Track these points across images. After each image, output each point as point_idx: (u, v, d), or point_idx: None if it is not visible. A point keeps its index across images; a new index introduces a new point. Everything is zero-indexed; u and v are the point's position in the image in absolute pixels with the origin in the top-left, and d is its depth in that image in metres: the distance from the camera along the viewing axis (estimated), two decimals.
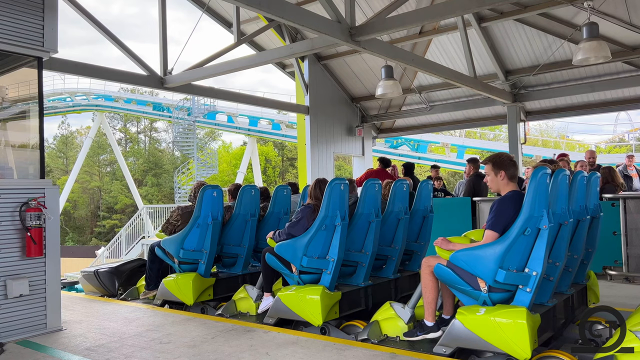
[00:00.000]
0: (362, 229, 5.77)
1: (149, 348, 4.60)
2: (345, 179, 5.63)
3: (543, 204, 4.07)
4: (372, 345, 4.46)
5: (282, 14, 7.48)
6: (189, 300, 6.31)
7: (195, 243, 6.52)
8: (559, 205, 4.45)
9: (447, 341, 4.18)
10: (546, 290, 4.46)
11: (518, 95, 13.95)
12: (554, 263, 4.43)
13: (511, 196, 4.22)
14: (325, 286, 5.26)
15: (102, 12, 62.85)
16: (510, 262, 4.05)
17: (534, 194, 4.06)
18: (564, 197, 4.56)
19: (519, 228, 4.02)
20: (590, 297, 5.58)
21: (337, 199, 5.38)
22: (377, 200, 5.89)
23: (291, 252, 5.42)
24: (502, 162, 4.34)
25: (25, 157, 5.99)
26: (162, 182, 51.23)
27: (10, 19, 5.25)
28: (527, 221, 4.03)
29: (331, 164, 15.66)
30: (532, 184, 4.08)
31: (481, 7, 8.76)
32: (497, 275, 4.02)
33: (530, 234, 4.06)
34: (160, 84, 11.41)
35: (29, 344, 4.92)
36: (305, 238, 5.36)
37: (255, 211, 7.01)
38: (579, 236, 4.98)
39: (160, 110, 37.90)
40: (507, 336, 3.88)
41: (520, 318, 3.85)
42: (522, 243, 4.07)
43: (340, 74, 15.87)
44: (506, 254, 4.02)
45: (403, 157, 27.64)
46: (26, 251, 5.16)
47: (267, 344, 4.57)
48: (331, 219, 5.35)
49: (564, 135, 39.41)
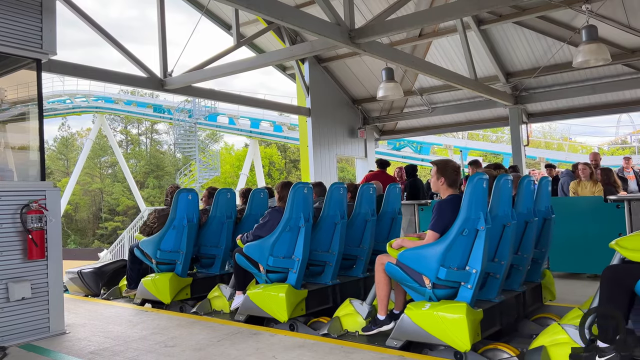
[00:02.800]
0: (329, 230, 6.05)
1: (154, 351, 4.59)
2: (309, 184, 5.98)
3: (480, 207, 4.39)
4: (379, 348, 4.46)
5: (281, 17, 7.50)
6: (166, 299, 6.62)
7: (171, 244, 6.80)
8: (501, 208, 4.77)
9: (397, 335, 4.51)
10: (493, 287, 4.76)
11: (519, 98, 13.95)
12: (499, 262, 4.77)
13: (450, 200, 4.58)
14: (291, 284, 5.56)
15: (101, 15, 62.96)
16: (451, 261, 4.36)
17: (470, 197, 4.38)
18: (507, 200, 4.85)
19: (457, 229, 4.35)
20: (546, 295, 5.81)
21: (301, 202, 5.66)
22: (342, 203, 6.15)
23: (258, 252, 5.71)
24: (446, 169, 4.70)
25: (25, 159, 6.00)
26: (163, 184, 51.20)
27: (8, 21, 5.26)
28: (465, 222, 4.34)
29: (334, 165, 15.66)
30: (469, 188, 4.40)
31: (480, 10, 8.77)
32: (439, 273, 4.34)
33: (468, 235, 4.36)
34: (160, 86, 11.42)
35: (32, 347, 4.91)
36: (271, 239, 5.64)
37: (231, 213, 7.26)
38: (527, 237, 5.28)
39: (161, 112, 37.93)
40: (448, 329, 4.21)
41: (460, 312, 4.18)
42: (461, 243, 4.38)
43: (341, 76, 15.87)
44: (446, 253, 4.34)
45: (406, 159, 27.64)
46: (28, 254, 5.16)
47: (274, 347, 4.56)
48: (295, 221, 5.64)
49: (566, 137, 39.40)
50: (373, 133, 17.25)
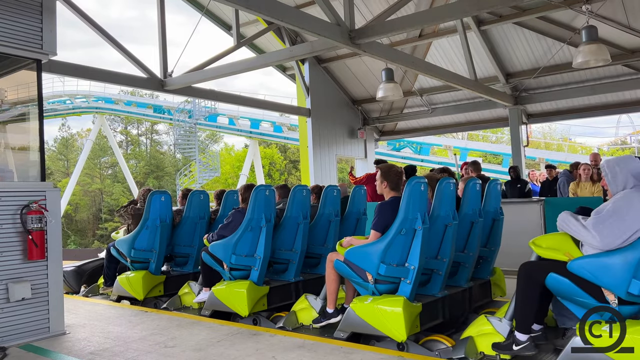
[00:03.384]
0: (292, 230, 6.34)
1: (153, 352, 4.59)
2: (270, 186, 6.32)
3: (417, 208, 4.73)
4: (378, 349, 4.46)
5: (282, 17, 7.51)
6: (139, 295, 6.96)
7: (145, 243, 7.14)
8: (442, 209, 5.12)
9: (344, 327, 4.87)
10: (436, 283, 5.14)
11: (519, 98, 13.96)
12: (441, 259, 5.12)
13: (391, 201, 4.91)
14: (253, 281, 5.87)
15: (101, 15, 62.92)
16: (391, 258, 4.71)
17: (407, 199, 4.72)
18: (448, 202, 5.21)
19: (396, 228, 4.69)
20: (495, 291, 6.11)
21: (262, 203, 5.97)
22: (305, 204, 6.46)
23: (222, 251, 6.01)
24: (388, 174, 5.07)
25: (25, 160, 6.00)
26: (163, 184, 51.17)
27: (9, 21, 5.25)
28: (403, 222, 4.69)
29: (334, 166, 15.67)
30: (407, 191, 4.74)
31: (480, 11, 8.79)
32: (379, 269, 4.67)
33: (406, 234, 4.72)
34: (161, 86, 11.44)
35: (32, 348, 4.91)
36: (234, 238, 5.93)
37: (204, 214, 7.56)
38: (473, 236, 5.58)
39: (161, 112, 37.93)
40: (387, 321, 4.53)
41: (398, 306, 4.51)
42: (400, 241, 4.72)
43: (341, 76, 15.88)
44: (386, 251, 4.67)
45: (406, 159, 27.63)
46: (28, 254, 5.15)
47: (274, 348, 4.56)
48: (257, 221, 5.94)
49: (566, 138, 39.41)
50: (373, 133, 17.26)
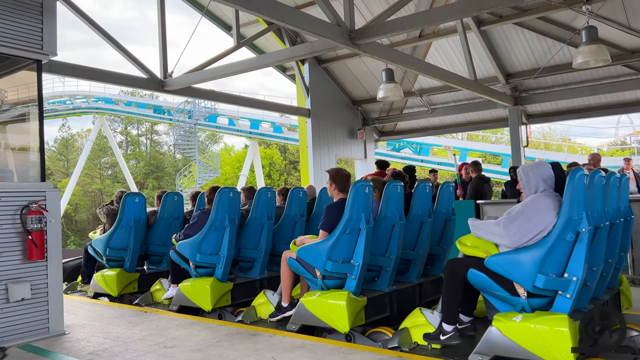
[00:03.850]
0: (257, 230, 6.69)
1: (153, 352, 4.59)
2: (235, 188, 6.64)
3: (362, 209, 5.06)
4: (378, 349, 4.46)
5: (282, 18, 7.51)
6: (114, 292, 7.36)
7: (119, 242, 7.53)
8: (389, 210, 5.43)
9: (295, 319, 5.22)
10: (384, 279, 5.49)
11: (519, 98, 13.96)
12: (389, 257, 5.46)
13: (338, 203, 5.26)
14: (217, 278, 6.23)
15: (101, 16, 62.89)
16: (337, 255, 5.05)
17: (352, 201, 5.04)
18: (395, 203, 5.46)
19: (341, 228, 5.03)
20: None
21: (226, 204, 6.31)
22: (270, 205, 6.83)
23: (188, 249, 6.36)
24: (336, 177, 5.45)
25: (25, 160, 6.00)
26: (163, 184, 51.15)
27: (9, 21, 5.25)
28: (347, 222, 5.02)
29: (333, 166, 15.64)
30: (351, 193, 5.04)
31: (480, 11, 8.79)
32: (326, 266, 5.03)
33: (351, 233, 5.05)
34: (161, 86, 11.44)
35: (32, 348, 4.91)
36: (199, 238, 6.30)
37: (178, 215, 7.90)
38: (423, 235, 5.79)
39: (161, 113, 37.93)
40: (332, 314, 4.89)
41: (341, 300, 4.86)
42: (345, 240, 5.06)
43: (341, 77, 15.88)
44: (332, 249, 5.04)
45: (405, 160, 27.63)
46: (27, 254, 5.15)
47: (273, 348, 4.56)
48: (220, 222, 6.27)
49: (566, 138, 39.39)
50: (373, 134, 17.26)
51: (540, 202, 3.95)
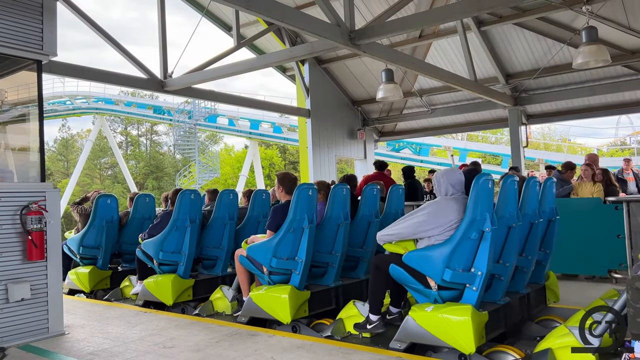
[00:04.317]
0: (219, 230, 7.11)
1: (152, 352, 4.59)
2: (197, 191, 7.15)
3: (305, 210, 5.44)
4: (378, 350, 4.46)
5: (282, 18, 7.51)
6: (87, 289, 7.80)
7: (92, 241, 7.96)
8: (335, 211, 5.87)
9: (245, 312, 5.65)
10: (330, 275, 5.90)
11: (519, 99, 13.96)
12: (335, 254, 5.86)
13: (283, 205, 5.64)
14: (179, 275, 6.68)
15: (102, 17, 62.91)
16: (281, 253, 5.46)
17: (296, 203, 5.42)
18: (340, 205, 5.92)
19: (286, 227, 5.43)
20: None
21: (187, 206, 6.75)
22: (232, 206, 7.25)
23: (152, 248, 6.80)
24: (284, 180, 5.81)
25: (25, 160, 6.00)
26: (163, 185, 51.19)
27: (9, 22, 5.25)
28: (291, 222, 5.41)
29: (333, 167, 15.66)
30: (295, 195, 5.43)
31: (480, 11, 8.79)
32: (272, 262, 5.44)
33: (294, 232, 5.44)
34: (161, 87, 11.44)
35: (31, 348, 4.91)
36: (162, 237, 6.72)
37: (150, 215, 8.17)
38: (370, 235, 5.99)
39: (161, 113, 37.93)
40: (276, 306, 5.32)
41: (284, 293, 5.28)
42: (289, 239, 5.46)
43: (341, 77, 15.88)
44: (277, 247, 5.43)
45: (405, 160, 27.62)
46: (27, 255, 5.15)
47: (272, 348, 4.56)
48: (182, 222, 6.70)
49: (565, 139, 39.40)
50: (372, 134, 17.26)
51: (443, 204, 4.51)
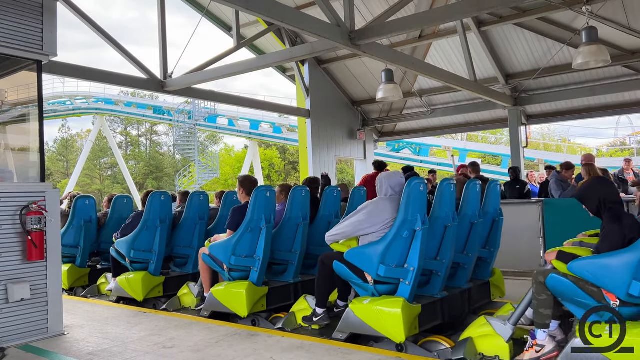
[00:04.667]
0: (190, 229, 7.51)
1: (152, 352, 4.59)
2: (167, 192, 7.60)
3: (262, 211, 5.86)
4: (377, 350, 4.48)
5: (282, 18, 7.50)
6: (65, 285, 8.09)
7: (71, 240, 8.29)
8: (294, 212, 6.35)
9: (206, 307, 6.09)
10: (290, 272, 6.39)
11: (519, 99, 13.95)
12: (294, 252, 6.33)
13: (242, 206, 6.04)
14: (150, 272, 7.10)
15: (102, 17, 62.89)
16: (240, 251, 5.86)
17: (254, 204, 5.84)
18: (299, 206, 6.40)
19: (244, 227, 5.85)
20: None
21: (158, 207, 7.17)
22: (202, 207, 7.70)
23: (125, 247, 7.18)
24: (244, 183, 6.26)
25: (25, 161, 6.01)
26: (163, 185, 51.18)
27: (9, 22, 5.25)
28: (249, 222, 5.84)
29: (333, 167, 15.66)
30: (253, 197, 5.85)
31: (480, 12, 8.79)
32: (231, 260, 5.88)
33: (252, 231, 5.86)
34: (161, 87, 11.43)
35: (31, 348, 4.91)
36: (133, 236, 7.13)
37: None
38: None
39: (161, 113, 37.93)
40: (232, 300, 5.75)
41: (241, 288, 5.74)
42: (247, 238, 5.88)
43: (341, 77, 15.88)
44: (236, 245, 5.83)
45: (405, 160, 27.62)
46: (27, 255, 5.15)
47: (272, 348, 4.57)
48: (152, 222, 7.09)
49: (565, 139, 39.40)
50: (372, 135, 17.26)
51: (380, 204, 4.98)
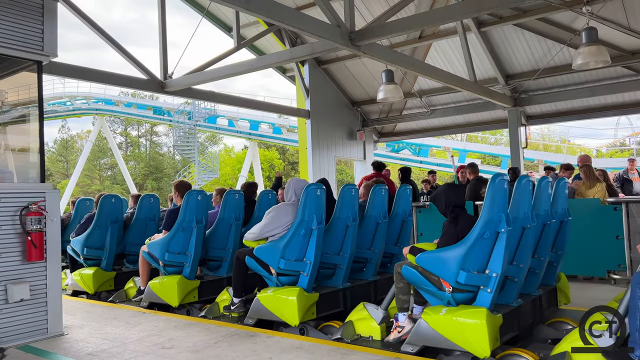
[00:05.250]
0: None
1: (151, 353, 4.59)
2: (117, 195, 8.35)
3: (194, 213, 6.66)
4: (376, 350, 4.47)
5: (282, 19, 7.50)
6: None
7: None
8: (227, 213, 7.06)
9: (145, 298, 6.81)
10: (224, 267, 7.16)
11: (519, 100, 13.95)
12: (227, 249, 7.04)
13: (177, 208, 6.71)
14: (101, 268, 7.83)
15: (102, 18, 62.94)
16: (173, 248, 6.62)
17: (185, 206, 6.61)
18: (232, 208, 7.11)
19: (176, 227, 6.62)
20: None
21: (110, 208, 7.95)
22: (152, 209, 8.47)
23: (79, 245, 7.94)
24: (179, 187, 7.02)
25: (25, 161, 6.00)
26: (162, 186, 51.17)
27: (10, 22, 5.25)
28: (181, 222, 6.60)
29: (333, 168, 15.66)
30: (185, 200, 6.55)
31: (480, 12, 8.77)
32: (165, 257, 6.58)
33: (184, 230, 6.61)
34: (161, 87, 11.43)
35: (30, 349, 4.91)
36: (86, 235, 7.85)
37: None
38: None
39: (161, 114, 37.91)
40: (165, 291, 6.44)
41: (173, 281, 6.46)
42: (180, 237, 6.60)
43: (341, 78, 15.88)
44: (169, 243, 6.59)
45: (404, 161, 27.60)
46: (27, 255, 5.15)
47: (271, 349, 4.57)
48: (104, 221, 7.85)
49: (565, 140, 39.40)
50: (372, 135, 17.25)
51: (282, 208, 5.76)
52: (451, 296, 4.31)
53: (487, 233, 4.32)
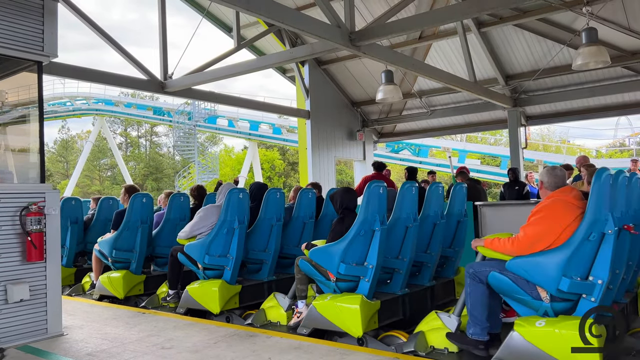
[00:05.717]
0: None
1: (151, 353, 4.59)
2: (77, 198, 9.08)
3: (138, 214, 7.41)
4: (375, 350, 4.47)
5: (282, 19, 7.51)
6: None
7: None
8: (172, 214, 7.75)
9: (96, 292, 7.49)
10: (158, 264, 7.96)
11: (518, 100, 13.96)
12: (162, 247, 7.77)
13: (125, 210, 7.36)
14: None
15: (102, 18, 62.94)
16: (120, 245, 7.33)
17: (130, 208, 7.33)
18: (178, 209, 7.78)
19: (122, 226, 7.31)
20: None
21: (68, 211, 8.59)
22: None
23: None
24: (129, 190, 7.72)
25: (25, 162, 6.00)
26: (162, 186, 51.14)
27: (10, 23, 5.25)
28: (126, 223, 7.32)
29: (332, 168, 15.66)
30: (130, 203, 7.26)
31: (480, 13, 8.80)
32: (112, 254, 7.31)
33: (129, 230, 7.30)
34: (161, 88, 11.44)
35: (30, 349, 4.91)
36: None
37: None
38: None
39: (161, 114, 37.92)
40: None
41: (120, 275, 7.17)
42: (126, 235, 7.33)
43: (341, 78, 15.89)
44: (117, 240, 7.29)
45: (404, 161, 27.61)
46: (27, 256, 5.15)
47: (270, 349, 4.56)
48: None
49: (564, 140, 39.41)
50: (372, 135, 17.26)
51: (209, 210, 6.38)
52: (335, 285, 5.00)
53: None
